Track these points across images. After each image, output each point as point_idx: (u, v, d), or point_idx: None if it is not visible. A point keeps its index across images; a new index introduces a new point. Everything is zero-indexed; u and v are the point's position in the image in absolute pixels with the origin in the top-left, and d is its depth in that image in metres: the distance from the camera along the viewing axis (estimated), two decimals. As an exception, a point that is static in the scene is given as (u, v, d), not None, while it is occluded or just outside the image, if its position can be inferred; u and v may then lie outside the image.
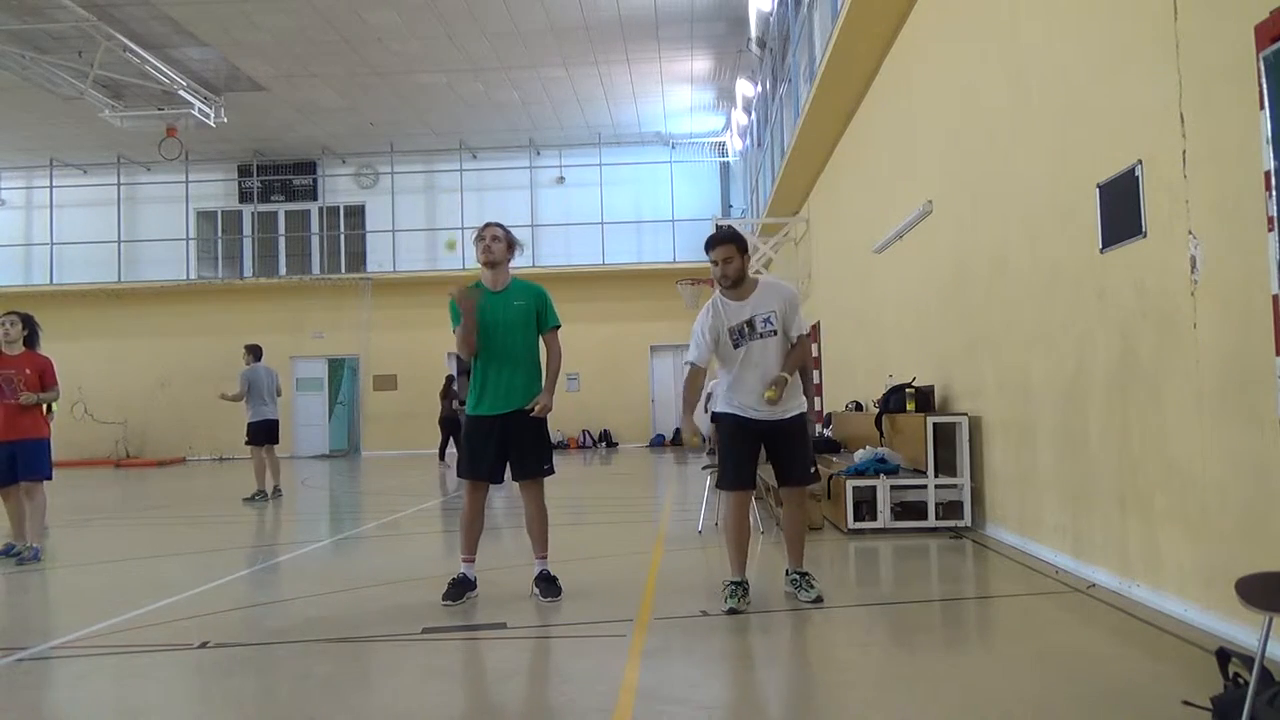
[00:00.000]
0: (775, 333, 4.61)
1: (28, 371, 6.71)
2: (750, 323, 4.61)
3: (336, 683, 3.65)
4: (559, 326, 5.12)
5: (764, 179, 17.46)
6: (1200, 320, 3.86)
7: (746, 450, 4.68)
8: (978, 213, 6.67)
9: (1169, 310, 4.09)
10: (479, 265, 5.04)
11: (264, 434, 11.22)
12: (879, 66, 9.59)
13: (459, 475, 5.07)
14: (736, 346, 4.62)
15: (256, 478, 11.18)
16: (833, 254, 13.29)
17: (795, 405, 4.71)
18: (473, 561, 4.97)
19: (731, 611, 4.46)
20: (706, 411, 21.18)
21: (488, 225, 5.07)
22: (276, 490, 11.25)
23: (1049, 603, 4.67)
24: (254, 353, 11.48)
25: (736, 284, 4.64)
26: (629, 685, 3.41)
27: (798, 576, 4.78)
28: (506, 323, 4.93)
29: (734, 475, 4.68)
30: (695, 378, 4.79)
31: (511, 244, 5.06)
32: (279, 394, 11.57)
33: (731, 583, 4.60)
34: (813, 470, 4.85)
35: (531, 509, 5.06)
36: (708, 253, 4.68)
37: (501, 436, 4.93)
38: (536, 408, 4.92)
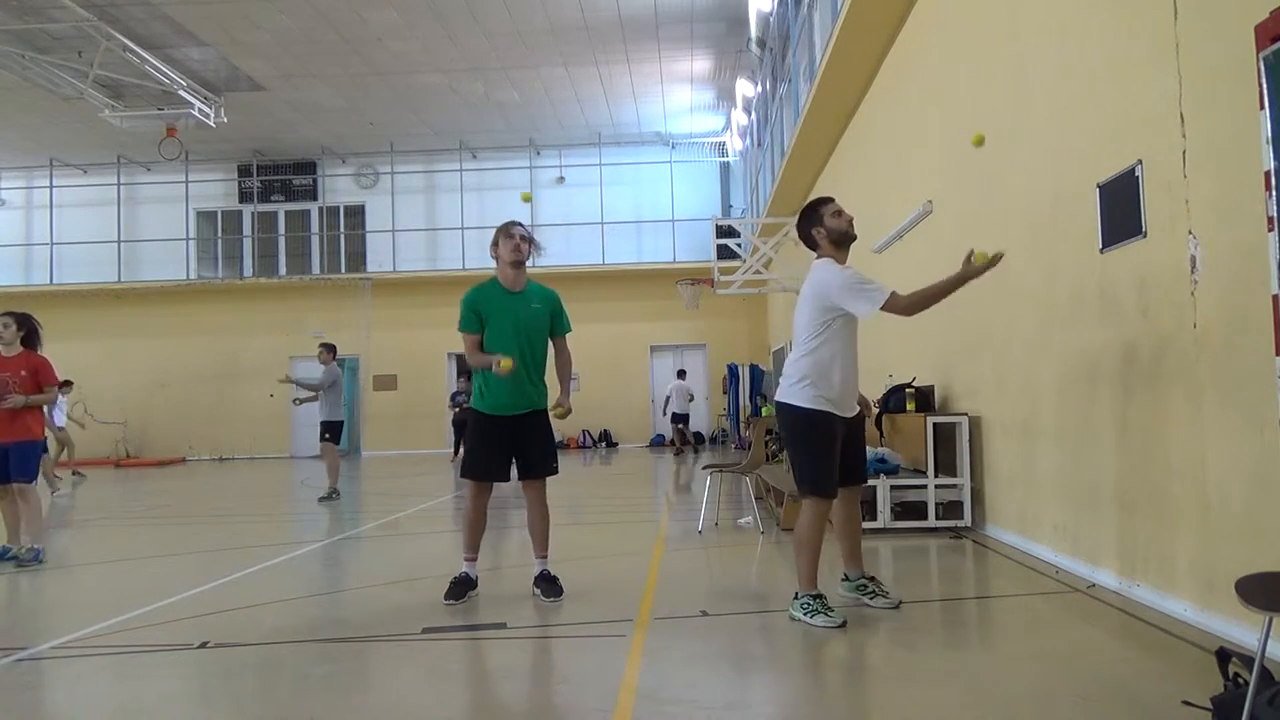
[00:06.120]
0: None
1: (22, 373, 6.72)
2: None
3: (336, 683, 3.65)
4: (569, 331, 5.15)
5: (764, 179, 17.46)
6: (1200, 320, 3.86)
7: (836, 452, 4.35)
8: (978, 213, 6.67)
9: (1169, 310, 4.09)
10: (500, 262, 4.96)
11: (338, 432, 11.24)
12: (879, 66, 9.60)
13: (463, 475, 5.06)
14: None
15: (332, 476, 11.07)
16: (833, 254, 13.27)
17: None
18: (475, 560, 4.98)
19: (843, 625, 4.14)
20: (665, 414, 21.03)
21: (516, 224, 5.01)
22: (335, 493, 11.00)
23: (1049, 603, 4.67)
24: (332, 351, 11.36)
25: (852, 241, 4.49)
26: (629, 685, 3.41)
27: (866, 581, 4.60)
28: (526, 325, 4.93)
29: (837, 479, 4.38)
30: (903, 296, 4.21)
31: (533, 246, 5.07)
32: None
33: (818, 596, 4.27)
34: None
35: (535, 508, 5.07)
36: (823, 206, 4.53)
37: (513, 437, 4.95)
38: (560, 410, 4.98)
